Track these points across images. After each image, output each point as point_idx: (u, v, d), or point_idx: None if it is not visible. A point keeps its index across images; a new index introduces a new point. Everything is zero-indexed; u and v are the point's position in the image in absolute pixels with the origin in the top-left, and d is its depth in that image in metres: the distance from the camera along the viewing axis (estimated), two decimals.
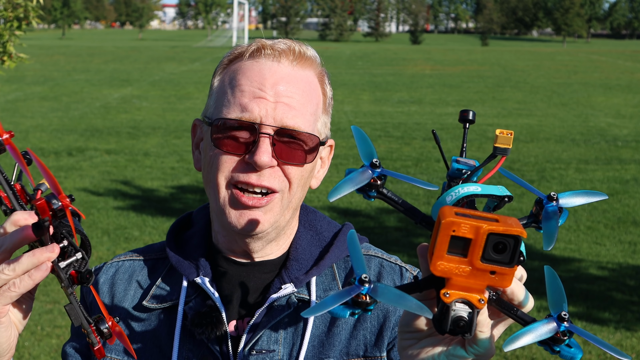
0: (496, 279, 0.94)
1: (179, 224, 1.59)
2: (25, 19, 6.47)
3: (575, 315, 6.61)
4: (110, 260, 1.60)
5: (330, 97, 1.51)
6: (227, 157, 1.39)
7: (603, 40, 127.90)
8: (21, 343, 6.04)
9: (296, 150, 1.39)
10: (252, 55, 1.43)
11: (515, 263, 0.93)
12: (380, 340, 1.43)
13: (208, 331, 1.41)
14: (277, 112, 1.38)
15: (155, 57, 46.97)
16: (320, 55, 1.51)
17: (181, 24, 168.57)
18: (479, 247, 0.93)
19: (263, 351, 1.41)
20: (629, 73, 37.52)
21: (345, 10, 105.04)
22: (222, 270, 1.47)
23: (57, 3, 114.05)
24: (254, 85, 1.39)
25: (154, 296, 1.49)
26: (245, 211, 1.38)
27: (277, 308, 1.42)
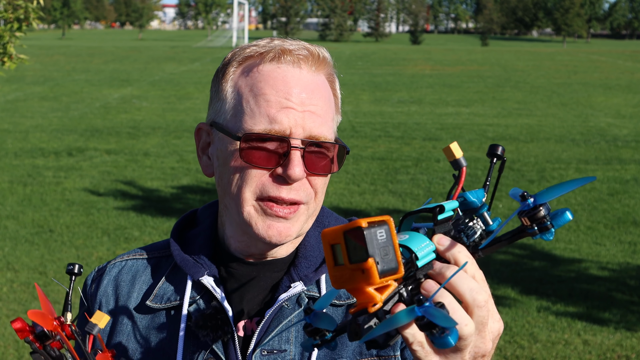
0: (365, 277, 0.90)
1: (183, 222, 1.56)
2: (26, 20, 6.47)
3: (576, 315, 6.61)
4: (113, 259, 1.57)
5: (340, 97, 1.49)
6: (256, 171, 1.34)
7: (603, 40, 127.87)
8: (21, 343, 6.04)
9: (322, 159, 1.37)
10: (271, 60, 1.37)
11: (368, 256, 0.89)
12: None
13: (212, 333, 1.38)
14: (306, 122, 1.34)
15: (155, 57, 46.96)
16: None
17: (181, 24, 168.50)
18: (344, 250, 0.91)
19: (274, 351, 1.38)
20: (629, 73, 37.52)
21: (345, 10, 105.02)
22: (229, 270, 1.45)
23: (57, 3, 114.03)
24: (280, 95, 1.34)
25: (157, 296, 1.47)
26: (273, 222, 1.36)
27: (287, 307, 1.40)
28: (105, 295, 1.51)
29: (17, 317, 1.25)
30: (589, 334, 6.23)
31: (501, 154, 1.10)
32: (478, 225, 1.04)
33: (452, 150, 1.08)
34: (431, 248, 1.00)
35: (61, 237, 8.84)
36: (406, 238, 0.98)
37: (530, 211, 1.00)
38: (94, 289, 1.53)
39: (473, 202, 1.04)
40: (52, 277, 7.49)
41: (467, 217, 1.04)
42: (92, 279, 1.55)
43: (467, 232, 1.03)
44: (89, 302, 1.53)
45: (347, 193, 11.10)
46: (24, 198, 10.65)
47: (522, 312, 6.64)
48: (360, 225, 0.89)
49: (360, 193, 11.07)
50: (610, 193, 11.32)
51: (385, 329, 0.89)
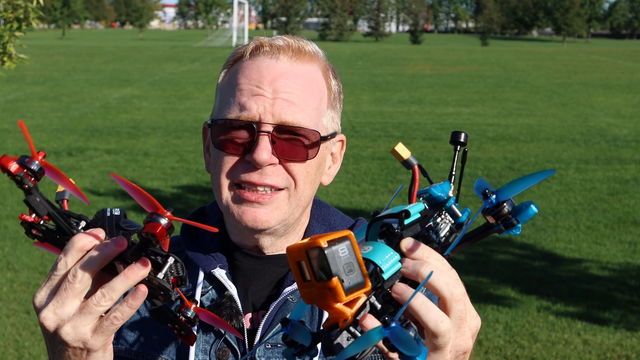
0: (333, 296, 0.90)
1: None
2: (25, 20, 6.47)
3: (576, 315, 6.61)
4: None
5: (338, 91, 1.49)
6: (228, 157, 1.39)
7: (603, 40, 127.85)
8: (21, 343, 6.04)
9: (297, 146, 1.38)
10: (251, 54, 1.42)
11: (333, 275, 0.88)
12: None
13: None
14: (276, 108, 1.36)
15: (155, 57, 46.96)
16: (323, 50, 1.49)
17: (181, 24, 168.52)
18: (308, 267, 0.90)
19: (279, 345, 1.40)
20: (629, 73, 37.52)
21: (345, 10, 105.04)
22: (237, 264, 1.47)
23: (57, 3, 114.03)
24: (252, 83, 1.38)
25: None
26: (247, 208, 1.38)
27: (291, 300, 1.42)
28: None
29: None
30: (589, 334, 6.23)
31: (464, 140, 1.09)
32: (447, 219, 1.03)
33: (398, 152, 1.07)
34: (396, 258, 0.98)
35: None
36: (369, 250, 0.96)
37: (493, 209, 0.99)
38: None
39: (439, 197, 1.03)
40: None
41: (435, 212, 1.03)
42: None
43: (436, 230, 1.02)
44: None
45: (347, 193, 11.10)
46: (24, 198, 10.65)
47: (522, 312, 6.64)
48: (320, 245, 0.88)
49: (360, 193, 11.07)
50: (610, 193, 11.32)
51: (356, 350, 0.89)
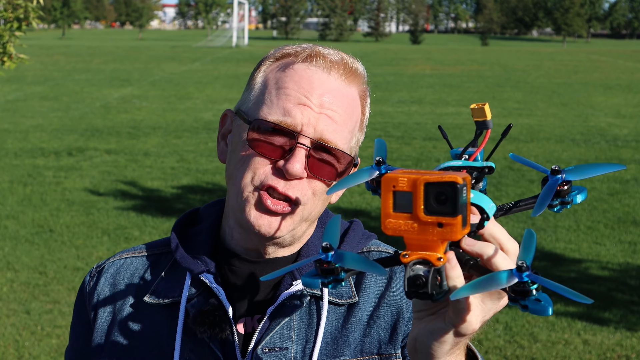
0: (445, 232, 0.91)
1: (184, 220, 1.56)
2: (25, 20, 6.46)
3: (576, 315, 6.61)
4: (112, 256, 1.57)
5: (368, 116, 1.50)
6: (260, 159, 1.36)
7: (603, 40, 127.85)
8: (21, 343, 6.05)
9: (328, 166, 1.37)
10: (304, 60, 1.40)
11: (458, 213, 0.89)
12: (395, 337, 1.40)
13: (210, 330, 1.37)
14: (319, 123, 1.35)
15: (155, 57, 46.97)
16: (367, 73, 1.48)
17: (181, 24, 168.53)
18: (420, 199, 0.91)
19: (276, 349, 1.38)
20: (629, 73, 37.52)
21: (345, 10, 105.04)
22: (231, 268, 1.45)
23: (57, 3, 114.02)
24: (301, 92, 1.36)
25: (155, 292, 1.46)
26: (265, 215, 1.36)
27: (288, 305, 1.40)
28: (102, 292, 1.50)
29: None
30: (589, 334, 6.23)
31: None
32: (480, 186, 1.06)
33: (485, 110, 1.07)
34: (494, 209, 1.00)
35: (61, 237, 8.84)
36: (474, 197, 0.99)
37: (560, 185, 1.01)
38: (92, 286, 1.53)
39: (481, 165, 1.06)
40: (52, 277, 7.49)
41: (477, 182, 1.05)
42: (91, 276, 1.55)
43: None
44: (86, 300, 1.53)
45: (347, 193, 11.10)
46: (24, 198, 10.65)
47: (522, 312, 6.64)
48: (457, 181, 0.90)
49: (360, 193, 11.08)
50: (610, 193, 11.33)
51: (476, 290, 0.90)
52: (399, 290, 1.43)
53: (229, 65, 39.86)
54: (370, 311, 1.42)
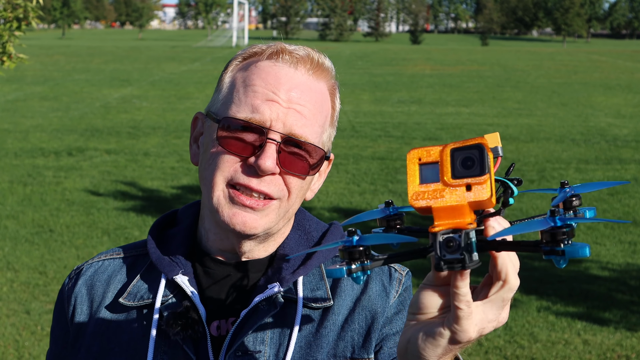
0: (474, 195, 0.90)
1: (163, 221, 1.55)
2: (25, 20, 6.46)
3: (576, 315, 6.61)
4: (91, 259, 1.56)
5: (338, 111, 1.49)
6: (230, 157, 1.36)
7: (603, 40, 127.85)
8: (21, 343, 6.05)
9: (300, 161, 1.37)
10: (269, 57, 1.40)
11: (486, 171, 0.90)
12: (368, 341, 1.40)
13: (183, 332, 1.37)
14: (288, 118, 1.35)
15: (155, 57, 46.97)
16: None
17: (181, 24, 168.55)
18: (447, 165, 0.91)
19: (248, 352, 1.37)
20: (629, 73, 37.52)
21: (345, 10, 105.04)
22: (206, 270, 1.45)
23: (57, 3, 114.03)
24: (268, 88, 1.36)
25: (130, 294, 1.46)
26: (240, 211, 1.36)
27: (262, 308, 1.39)
28: (79, 294, 1.50)
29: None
30: (589, 334, 6.23)
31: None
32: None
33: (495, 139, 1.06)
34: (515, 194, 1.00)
35: (61, 237, 8.84)
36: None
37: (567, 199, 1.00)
38: (70, 289, 1.52)
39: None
40: (52, 277, 7.49)
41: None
42: (70, 278, 1.55)
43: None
44: (65, 302, 1.53)
45: (347, 193, 11.10)
46: (24, 198, 10.65)
47: (522, 312, 6.64)
48: (483, 142, 0.91)
49: (360, 193, 11.07)
50: (610, 193, 11.32)
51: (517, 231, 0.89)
52: (375, 295, 1.43)
53: None
54: (345, 315, 1.41)
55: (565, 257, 0.89)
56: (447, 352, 0.98)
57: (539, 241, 0.92)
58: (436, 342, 0.96)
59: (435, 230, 0.91)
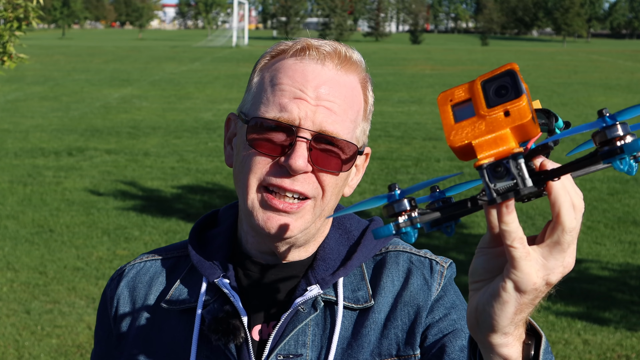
0: (514, 118, 0.86)
1: (203, 222, 1.54)
2: (25, 20, 6.46)
3: (576, 315, 6.61)
4: (133, 260, 1.56)
5: (372, 104, 1.46)
6: (261, 158, 1.33)
7: (603, 40, 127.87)
8: (21, 343, 6.04)
9: (333, 157, 1.35)
10: (295, 54, 1.37)
11: (521, 92, 0.86)
12: (413, 337, 1.37)
13: (225, 337, 1.36)
14: (317, 116, 1.32)
15: (155, 57, 46.97)
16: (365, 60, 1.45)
17: (181, 23, 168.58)
18: (480, 98, 0.88)
19: (290, 356, 1.36)
20: (629, 73, 37.52)
21: (345, 10, 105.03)
22: (247, 273, 1.43)
23: (57, 3, 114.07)
24: (296, 86, 1.33)
25: (172, 297, 1.45)
26: (274, 214, 1.33)
27: (303, 311, 1.37)
28: (122, 296, 1.50)
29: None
30: (589, 334, 6.23)
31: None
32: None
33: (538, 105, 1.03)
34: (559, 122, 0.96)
35: (61, 237, 8.84)
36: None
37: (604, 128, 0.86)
38: (112, 290, 1.53)
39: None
40: (52, 277, 7.49)
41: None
42: (112, 279, 1.55)
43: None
44: (107, 304, 1.53)
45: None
46: (24, 198, 10.65)
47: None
48: (513, 67, 0.88)
49: (360, 193, 11.07)
50: (610, 193, 11.32)
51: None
52: (417, 289, 1.40)
53: (229, 65, 39.87)
54: (386, 313, 1.39)
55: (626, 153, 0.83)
56: (519, 311, 0.92)
57: (595, 150, 0.86)
58: (501, 298, 0.90)
59: (480, 163, 0.86)
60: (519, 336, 0.96)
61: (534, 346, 1.00)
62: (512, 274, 0.88)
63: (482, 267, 0.93)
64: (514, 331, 0.94)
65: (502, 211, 0.86)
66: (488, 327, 0.92)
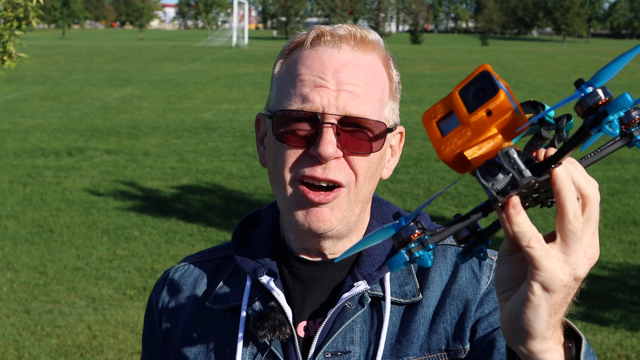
0: (497, 115, 0.85)
1: (246, 222, 1.54)
2: (25, 19, 6.47)
3: (576, 315, 6.59)
4: (177, 263, 1.57)
5: (398, 82, 1.45)
6: (291, 151, 1.32)
7: (603, 40, 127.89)
8: (21, 343, 6.05)
9: (361, 139, 1.33)
10: (311, 43, 1.36)
11: (498, 89, 0.85)
12: (462, 331, 1.35)
13: (271, 334, 1.35)
14: (340, 101, 1.31)
15: (155, 57, 46.97)
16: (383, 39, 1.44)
17: (181, 23, 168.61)
18: (461, 106, 0.87)
19: (338, 353, 1.34)
20: (629, 73, 37.52)
21: (345, 10, 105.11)
22: (292, 270, 1.42)
23: (57, 3, 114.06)
24: (314, 74, 1.32)
25: (217, 297, 1.45)
26: (312, 209, 1.32)
27: (350, 307, 1.36)
28: (167, 299, 1.51)
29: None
30: (589, 334, 6.23)
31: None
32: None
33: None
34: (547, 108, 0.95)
35: (61, 237, 8.84)
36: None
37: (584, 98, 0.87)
38: (157, 294, 1.53)
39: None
40: (52, 277, 7.49)
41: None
42: (157, 284, 1.56)
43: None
44: (153, 308, 1.54)
45: None
46: (24, 198, 10.65)
47: None
48: (485, 68, 0.87)
49: None
50: (610, 193, 11.33)
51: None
52: (465, 283, 1.38)
53: (229, 65, 39.87)
54: (434, 307, 1.37)
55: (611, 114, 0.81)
56: (553, 312, 0.88)
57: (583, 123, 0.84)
58: (532, 303, 0.87)
59: (474, 168, 0.86)
60: (559, 339, 0.93)
61: (575, 349, 0.98)
62: (537, 275, 0.86)
63: (507, 275, 0.92)
64: (552, 334, 0.90)
65: (509, 213, 0.85)
66: (525, 335, 0.89)
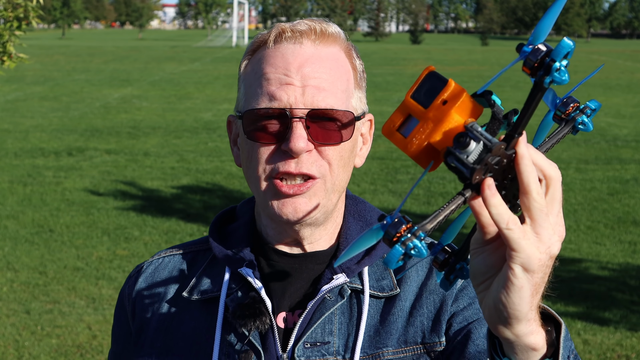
0: (453, 100, 0.89)
1: (221, 217, 1.55)
2: (25, 19, 6.47)
3: (576, 315, 6.61)
4: (151, 257, 1.57)
5: (362, 70, 1.48)
6: (263, 148, 1.35)
7: (603, 40, 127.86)
8: (21, 343, 6.05)
9: (331, 130, 1.35)
10: (274, 41, 1.38)
11: (447, 79, 0.89)
12: (438, 324, 1.39)
13: (250, 323, 1.36)
14: (307, 97, 1.33)
15: (155, 57, 46.96)
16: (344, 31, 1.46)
17: (181, 23, 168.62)
18: (416, 107, 0.90)
19: (317, 343, 1.36)
20: (629, 73, 37.52)
21: (345, 10, 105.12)
22: (270, 263, 1.44)
23: (57, 3, 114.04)
24: (279, 72, 1.34)
25: (193, 288, 1.46)
26: (286, 200, 1.35)
27: (329, 299, 1.39)
28: (140, 292, 1.51)
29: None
30: (589, 334, 6.23)
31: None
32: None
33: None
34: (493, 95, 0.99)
35: (61, 237, 8.84)
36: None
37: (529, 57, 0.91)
38: (130, 287, 1.53)
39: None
40: (52, 277, 7.49)
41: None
42: (129, 277, 1.56)
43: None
44: (125, 301, 1.53)
45: None
46: (24, 198, 10.65)
47: None
48: (430, 68, 0.90)
49: (360, 193, 11.07)
50: (610, 193, 11.33)
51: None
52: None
53: (229, 65, 39.86)
54: (412, 301, 1.40)
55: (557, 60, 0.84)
56: (535, 292, 0.91)
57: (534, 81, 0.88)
58: (515, 285, 0.89)
59: (441, 152, 0.90)
60: (539, 322, 0.96)
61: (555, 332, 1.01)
62: (516, 258, 0.89)
63: (483, 264, 0.94)
64: (535, 315, 0.94)
65: (486, 195, 0.88)
66: (512, 318, 0.92)
